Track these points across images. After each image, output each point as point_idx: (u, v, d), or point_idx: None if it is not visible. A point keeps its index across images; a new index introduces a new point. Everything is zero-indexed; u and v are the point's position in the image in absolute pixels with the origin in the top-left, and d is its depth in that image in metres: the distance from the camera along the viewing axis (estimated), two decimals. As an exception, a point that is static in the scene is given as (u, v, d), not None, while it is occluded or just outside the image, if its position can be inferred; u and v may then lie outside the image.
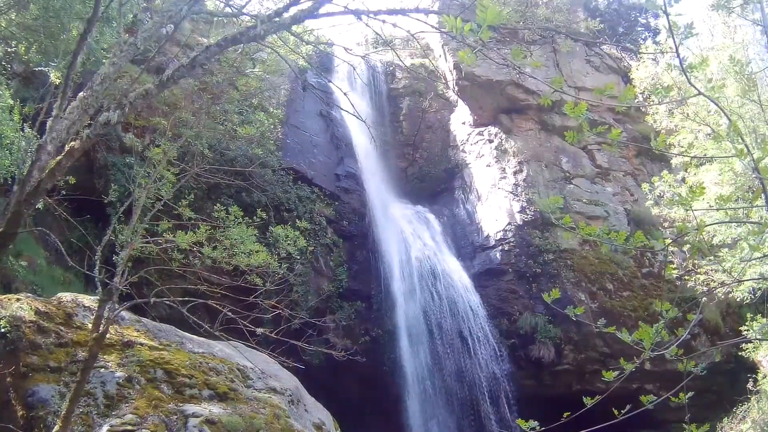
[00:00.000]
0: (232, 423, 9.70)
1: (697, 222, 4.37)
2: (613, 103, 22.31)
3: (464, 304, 18.83)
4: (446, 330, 18.62)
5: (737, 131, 4.95)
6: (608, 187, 21.58)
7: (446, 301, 18.79)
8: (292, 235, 10.94)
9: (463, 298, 18.93)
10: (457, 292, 18.96)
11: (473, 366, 18.40)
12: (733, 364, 19.61)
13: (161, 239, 9.14)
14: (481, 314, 18.81)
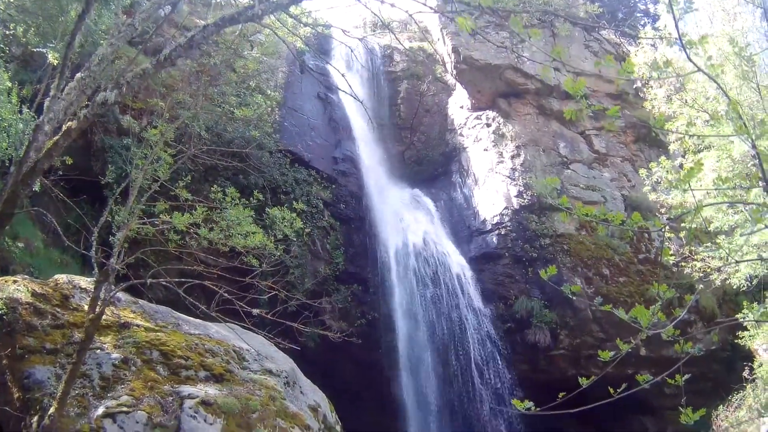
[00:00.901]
0: (227, 404, 9.73)
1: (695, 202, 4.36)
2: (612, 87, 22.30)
3: (460, 288, 18.87)
4: (442, 313, 18.66)
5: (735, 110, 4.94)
6: (606, 172, 21.57)
7: (442, 285, 18.83)
8: (288, 217, 10.94)
9: (459, 282, 18.95)
10: (453, 276, 18.98)
11: (469, 349, 18.46)
12: (729, 352, 19.68)
13: (158, 220, 9.14)
14: (476, 298, 18.86)
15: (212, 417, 9.48)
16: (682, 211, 5.21)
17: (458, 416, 18.66)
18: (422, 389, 18.54)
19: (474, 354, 18.44)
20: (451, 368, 18.57)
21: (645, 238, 20.46)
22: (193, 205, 9.76)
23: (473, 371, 18.45)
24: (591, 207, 4.68)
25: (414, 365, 18.57)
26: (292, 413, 10.42)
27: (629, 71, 4.42)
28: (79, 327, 9.28)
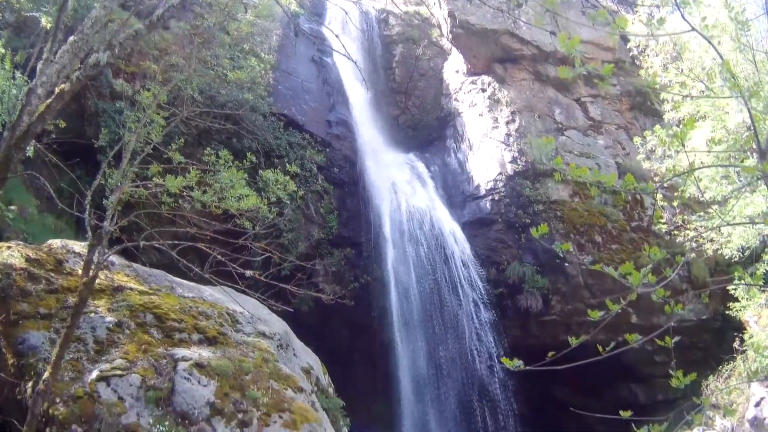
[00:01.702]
0: (221, 366, 9.79)
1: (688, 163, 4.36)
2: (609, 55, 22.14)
3: (453, 253, 18.94)
4: (435, 278, 18.76)
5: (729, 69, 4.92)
6: (600, 139, 21.54)
7: (435, 250, 18.89)
8: (282, 180, 10.90)
9: (452, 246, 19.02)
10: (446, 241, 19.04)
11: (461, 313, 18.60)
12: (720, 322, 19.84)
13: (151, 183, 9.11)
14: (469, 263, 18.93)
15: (206, 379, 9.55)
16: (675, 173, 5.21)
17: (450, 379, 18.87)
18: (415, 352, 18.71)
19: (466, 318, 18.58)
20: (443, 332, 18.72)
21: (638, 206, 20.51)
22: (186, 168, 9.73)
23: (465, 335, 18.61)
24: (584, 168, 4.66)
25: (407, 328, 18.70)
26: (285, 375, 10.51)
27: (622, 26, 4.37)
28: (73, 291, 9.30)
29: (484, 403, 18.67)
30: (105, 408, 8.65)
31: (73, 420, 8.53)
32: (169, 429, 8.92)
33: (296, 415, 9.80)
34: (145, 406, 8.98)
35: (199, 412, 9.25)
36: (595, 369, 18.25)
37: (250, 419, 9.49)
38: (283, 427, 9.56)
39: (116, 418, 8.66)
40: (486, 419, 18.71)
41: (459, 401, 18.85)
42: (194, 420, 9.18)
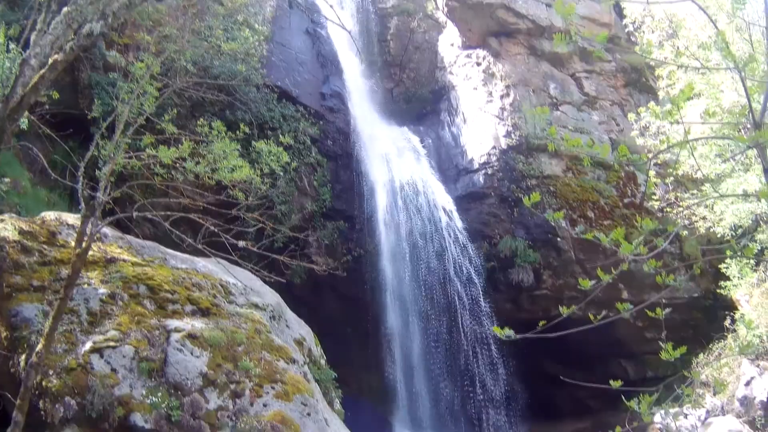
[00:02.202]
0: (213, 337, 9.82)
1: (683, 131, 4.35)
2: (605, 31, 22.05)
3: (446, 226, 18.97)
4: (428, 251, 18.80)
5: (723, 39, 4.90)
6: (594, 115, 21.50)
7: (428, 223, 18.91)
8: (275, 151, 10.86)
9: (444, 220, 19.04)
10: (439, 215, 19.06)
11: (453, 287, 18.67)
12: (711, 301, 19.94)
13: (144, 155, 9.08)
14: (461, 236, 18.97)
15: (198, 350, 9.59)
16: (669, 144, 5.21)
17: (442, 351, 19.00)
18: (407, 325, 18.82)
19: (458, 291, 18.65)
20: (435, 304, 18.80)
21: (631, 182, 20.54)
22: (179, 139, 9.69)
23: (457, 308, 18.70)
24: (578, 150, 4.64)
25: (399, 301, 18.79)
26: (277, 346, 10.55)
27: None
28: (66, 263, 9.29)
29: (475, 376, 18.82)
30: (98, 379, 8.68)
31: (66, 392, 8.56)
32: (161, 400, 8.97)
33: (288, 386, 9.86)
34: (138, 377, 9.02)
35: (191, 383, 9.30)
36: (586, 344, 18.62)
37: (243, 390, 9.55)
38: (275, 397, 9.63)
39: (109, 390, 8.70)
40: (477, 392, 18.87)
41: (450, 374, 19.00)
42: (187, 391, 9.23)
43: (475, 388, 18.90)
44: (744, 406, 16.42)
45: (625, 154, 4.43)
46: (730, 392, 17.03)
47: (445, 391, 19.04)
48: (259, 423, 9.21)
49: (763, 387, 16.37)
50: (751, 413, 16.15)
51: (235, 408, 9.35)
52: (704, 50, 14.93)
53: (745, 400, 16.45)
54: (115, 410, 8.66)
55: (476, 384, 18.87)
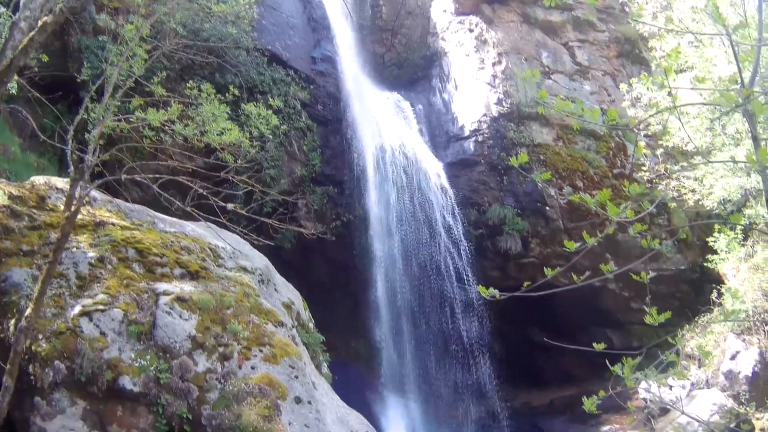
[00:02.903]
0: (202, 300, 9.85)
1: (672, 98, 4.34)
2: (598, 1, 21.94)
3: (435, 193, 18.98)
4: (416, 217, 18.82)
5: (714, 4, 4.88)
6: (586, 85, 21.44)
7: (417, 189, 18.90)
8: (264, 114, 10.79)
9: (434, 187, 19.04)
10: (428, 181, 19.05)
11: (441, 253, 18.73)
12: (698, 274, 20.13)
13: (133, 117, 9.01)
14: (451, 203, 18.99)
15: (187, 313, 9.62)
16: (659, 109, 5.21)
17: (429, 317, 19.14)
18: (394, 290, 18.90)
19: (446, 258, 18.73)
20: (423, 270, 18.89)
21: (621, 153, 20.57)
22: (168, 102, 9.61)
23: (444, 275, 18.79)
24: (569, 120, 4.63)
25: (387, 267, 18.85)
26: (266, 310, 10.60)
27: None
28: (55, 227, 9.27)
29: (461, 342, 19.00)
30: (87, 343, 8.71)
31: (56, 356, 8.60)
32: (150, 363, 9.02)
33: (276, 349, 9.93)
34: (127, 340, 9.06)
35: (180, 346, 9.34)
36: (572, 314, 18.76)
37: (231, 353, 9.60)
38: (263, 360, 9.69)
39: (98, 353, 8.74)
40: (462, 358, 19.07)
41: (436, 339, 19.16)
42: (175, 353, 9.28)
43: (461, 354, 19.08)
44: (729, 380, 16.62)
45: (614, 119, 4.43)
46: (715, 366, 17.22)
47: (431, 357, 19.22)
48: (247, 385, 9.28)
49: (748, 362, 16.53)
50: (735, 388, 16.35)
51: (224, 370, 9.42)
52: (695, 14, 14.88)
53: (730, 374, 16.63)
54: (104, 373, 8.71)
55: (463, 350, 19.05)
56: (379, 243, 18.85)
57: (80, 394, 8.75)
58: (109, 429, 8.84)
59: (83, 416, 8.74)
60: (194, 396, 9.09)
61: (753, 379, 16.30)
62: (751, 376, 16.32)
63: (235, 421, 8.87)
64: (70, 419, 8.67)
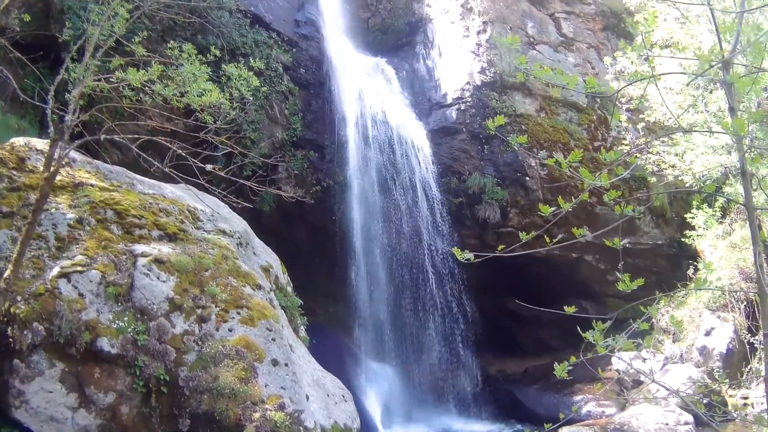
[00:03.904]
0: (180, 262, 9.86)
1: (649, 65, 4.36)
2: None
3: (416, 160, 18.96)
4: (396, 184, 18.82)
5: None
6: (570, 57, 21.40)
7: (398, 156, 18.87)
8: (245, 76, 10.70)
9: (415, 153, 19.01)
10: (409, 148, 19.01)
11: (420, 220, 18.78)
12: (675, 249, 20.37)
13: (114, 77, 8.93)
14: (431, 171, 18.99)
15: (165, 274, 9.64)
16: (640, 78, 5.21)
17: (407, 285, 19.26)
18: (374, 256, 18.97)
19: (424, 225, 18.79)
20: (403, 237, 18.95)
21: (602, 126, 20.65)
22: (148, 63, 9.52)
23: (424, 242, 18.88)
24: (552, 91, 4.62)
25: (366, 233, 18.88)
26: (244, 272, 10.63)
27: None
28: (35, 189, 9.22)
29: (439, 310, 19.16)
30: (65, 305, 8.72)
31: (34, 317, 8.60)
32: (128, 324, 9.05)
33: (254, 312, 9.98)
34: (105, 302, 9.08)
35: (157, 308, 9.37)
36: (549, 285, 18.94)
37: (209, 315, 9.65)
38: (240, 323, 9.75)
39: (76, 315, 8.75)
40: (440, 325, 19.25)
41: (415, 306, 19.30)
42: (153, 315, 9.31)
43: (439, 321, 19.26)
44: (703, 355, 16.86)
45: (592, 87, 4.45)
46: (690, 341, 17.46)
47: (409, 324, 19.38)
48: (225, 347, 9.35)
49: (723, 338, 16.77)
50: (709, 364, 16.60)
51: (201, 332, 9.47)
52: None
53: (704, 350, 16.87)
54: (82, 335, 8.74)
55: (440, 318, 19.22)
56: (358, 209, 18.84)
57: (59, 356, 8.78)
58: (87, 391, 8.90)
59: (61, 378, 8.79)
60: (171, 358, 9.14)
61: (727, 355, 16.54)
62: (726, 352, 16.54)
63: (212, 383, 8.95)
64: (49, 381, 8.71)
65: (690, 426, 12.63)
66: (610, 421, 13.58)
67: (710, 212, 18.12)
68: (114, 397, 8.99)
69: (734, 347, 16.63)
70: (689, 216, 18.48)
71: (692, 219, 18.31)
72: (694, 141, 15.62)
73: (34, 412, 8.66)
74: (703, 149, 15.33)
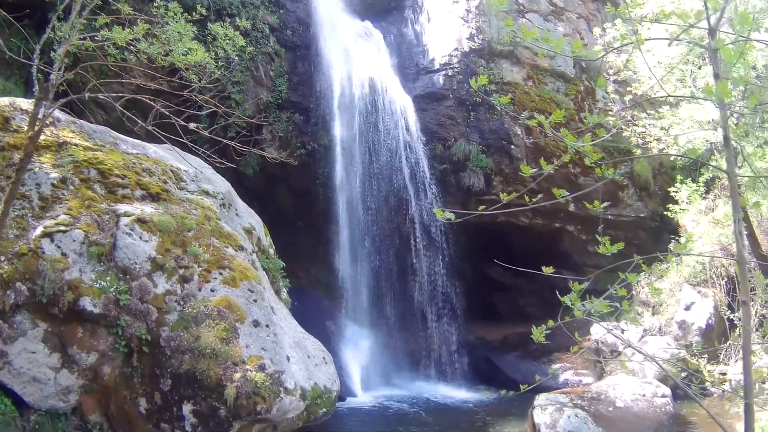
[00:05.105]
0: (163, 222, 9.84)
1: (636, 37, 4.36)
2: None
3: (402, 125, 18.89)
4: (381, 148, 18.77)
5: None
6: (560, 26, 21.30)
7: (383, 120, 18.79)
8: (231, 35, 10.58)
9: (400, 118, 18.94)
10: (395, 112, 18.92)
11: (403, 185, 18.77)
12: (657, 222, 20.51)
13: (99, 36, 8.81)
14: (416, 137, 18.94)
15: (148, 234, 9.62)
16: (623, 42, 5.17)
17: (390, 249, 19.32)
18: (357, 221, 18.98)
19: (409, 189, 18.78)
20: (386, 202, 18.96)
21: (589, 96, 20.66)
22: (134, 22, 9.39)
23: (407, 207, 18.90)
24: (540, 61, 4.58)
25: (350, 197, 18.86)
26: (226, 233, 10.63)
27: None
28: (19, 148, 9.15)
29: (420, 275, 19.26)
30: (48, 264, 8.70)
31: (17, 277, 8.58)
32: (110, 284, 9.05)
33: (236, 273, 10.00)
34: (88, 261, 9.06)
35: (140, 267, 9.37)
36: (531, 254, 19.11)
37: (191, 275, 9.66)
38: (222, 283, 9.77)
39: (59, 274, 8.74)
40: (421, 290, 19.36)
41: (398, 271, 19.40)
42: (135, 275, 9.31)
43: (420, 288, 19.38)
44: (682, 329, 17.01)
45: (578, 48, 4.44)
46: (669, 315, 17.61)
47: (391, 289, 19.49)
48: (206, 308, 9.38)
49: (702, 313, 16.89)
50: (688, 338, 16.72)
51: (183, 292, 9.49)
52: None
53: (683, 324, 17.01)
54: (65, 295, 8.73)
55: (421, 283, 19.34)
56: (342, 172, 18.79)
57: (41, 316, 8.80)
58: (69, 351, 8.92)
59: (44, 338, 8.81)
60: (153, 318, 9.17)
61: (707, 330, 16.68)
62: (705, 328, 16.67)
63: (193, 343, 8.99)
64: (32, 342, 8.73)
65: (668, 398, 12.77)
66: (587, 389, 13.78)
67: (694, 187, 18.19)
68: (96, 357, 9.02)
69: (714, 323, 16.75)
70: (673, 190, 18.55)
71: (676, 193, 18.37)
72: (681, 115, 15.63)
73: (17, 372, 8.69)
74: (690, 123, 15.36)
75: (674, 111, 16.07)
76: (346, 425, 14.53)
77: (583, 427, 11.61)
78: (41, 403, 8.86)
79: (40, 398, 8.84)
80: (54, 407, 8.93)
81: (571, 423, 11.64)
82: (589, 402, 12.54)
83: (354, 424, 14.93)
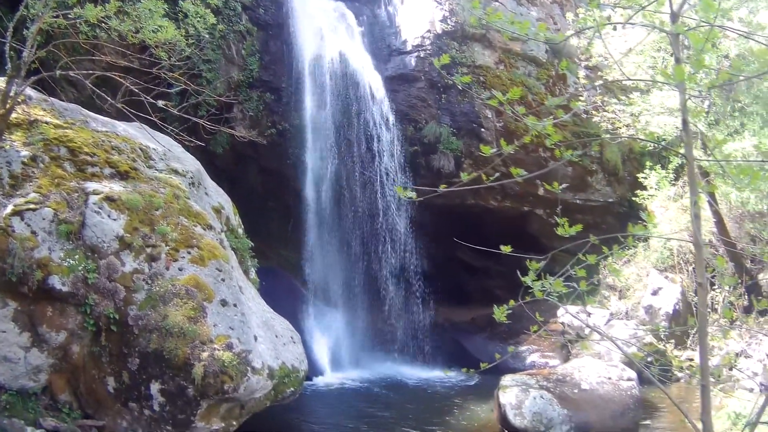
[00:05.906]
0: (131, 200, 9.80)
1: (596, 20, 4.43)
2: None
3: (372, 107, 18.87)
4: (352, 129, 18.75)
5: None
6: (533, 11, 21.36)
7: (355, 101, 18.75)
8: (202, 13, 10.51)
9: (371, 100, 18.92)
10: (367, 93, 18.89)
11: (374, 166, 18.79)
12: (626, 208, 20.69)
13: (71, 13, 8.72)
14: (387, 117, 18.94)
15: (116, 213, 9.57)
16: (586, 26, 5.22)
17: (359, 231, 19.36)
18: (326, 202, 18.99)
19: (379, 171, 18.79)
20: (356, 183, 18.96)
21: (560, 81, 20.78)
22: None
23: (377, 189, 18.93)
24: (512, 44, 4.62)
25: (319, 177, 18.85)
26: (195, 212, 10.61)
27: None
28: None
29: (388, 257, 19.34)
30: (18, 243, 8.64)
31: (-13, 256, 8.50)
32: (78, 262, 9.01)
33: (204, 252, 10.00)
34: (57, 240, 9.01)
35: (108, 246, 9.33)
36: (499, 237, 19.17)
37: (159, 254, 9.64)
38: (190, 262, 9.77)
39: (29, 253, 8.69)
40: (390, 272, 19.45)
41: (365, 253, 19.46)
42: (103, 253, 9.28)
43: (389, 269, 19.46)
44: (649, 314, 17.22)
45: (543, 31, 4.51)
46: (636, 300, 17.83)
47: (360, 270, 19.55)
48: (174, 286, 9.37)
49: (669, 299, 17.10)
50: (655, 322, 16.81)
51: (151, 271, 9.48)
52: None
53: (650, 309, 17.21)
54: (35, 273, 8.69)
55: (391, 265, 19.42)
56: (313, 153, 18.75)
57: (11, 295, 8.74)
58: (39, 330, 8.88)
59: (14, 317, 8.76)
60: (121, 296, 9.15)
61: (674, 316, 16.88)
62: (672, 313, 16.88)
63: (161, 322, 8.99)
64: (2, 321, 8.68)
65: (633, 382, 12.90)
66: (553, 371, 13.98)
67: (663, 173, 18.36)
68: (65, 335, 8.99)
69: (680, 308, 16.98)
70: (642, 176, 18.70)
71: (645, 179, 18.52)
72: (652, 102, 15.79)
73: (-13, 353, 8.64)
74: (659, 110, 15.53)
75: (645, 98, 16.23)
76: (314, 405, 14.64)
77: (548, 408, 11.80)
78: (12, 382, 8.81)
79: (11, 378, 8.79)
80: (24, 387, 8.89)
81: (537, 404, 11.83)
82: (555, 384, 12.72)
83: (322, 404, 15.04)
